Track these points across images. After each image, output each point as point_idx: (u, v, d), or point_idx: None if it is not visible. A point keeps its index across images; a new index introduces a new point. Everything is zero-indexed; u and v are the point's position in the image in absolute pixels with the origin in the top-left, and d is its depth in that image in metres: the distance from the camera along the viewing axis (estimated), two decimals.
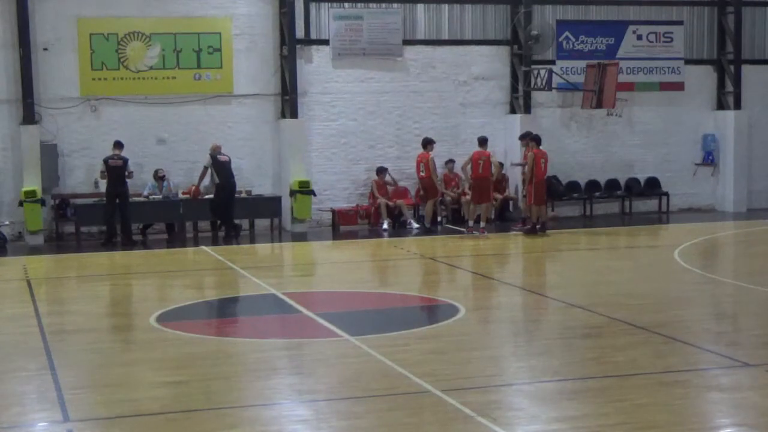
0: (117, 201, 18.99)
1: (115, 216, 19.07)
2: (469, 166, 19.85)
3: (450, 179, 21.57)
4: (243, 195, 20.59)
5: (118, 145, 19.34)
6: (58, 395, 8.80)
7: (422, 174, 20.41)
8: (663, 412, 8.06)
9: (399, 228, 20.99)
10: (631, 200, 23.39)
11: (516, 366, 9.86)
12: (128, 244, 19.05)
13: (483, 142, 20.09)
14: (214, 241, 19.70)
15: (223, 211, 19.90)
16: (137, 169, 19.87)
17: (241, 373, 9.61)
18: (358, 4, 21.54)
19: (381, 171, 21.31)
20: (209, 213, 20.13)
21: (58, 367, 9.80)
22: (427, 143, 20.54)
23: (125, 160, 19.15)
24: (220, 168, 19.70)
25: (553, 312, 12.73)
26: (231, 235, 19.87)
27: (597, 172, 23.21)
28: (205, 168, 19.73)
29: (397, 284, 15.24)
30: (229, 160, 19.89)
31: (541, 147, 19.83)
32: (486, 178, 19.78)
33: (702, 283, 14.68)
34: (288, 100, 20.88)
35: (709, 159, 23.72)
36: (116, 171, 19.02)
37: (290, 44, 20.77)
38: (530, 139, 19.97)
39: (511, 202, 22.10)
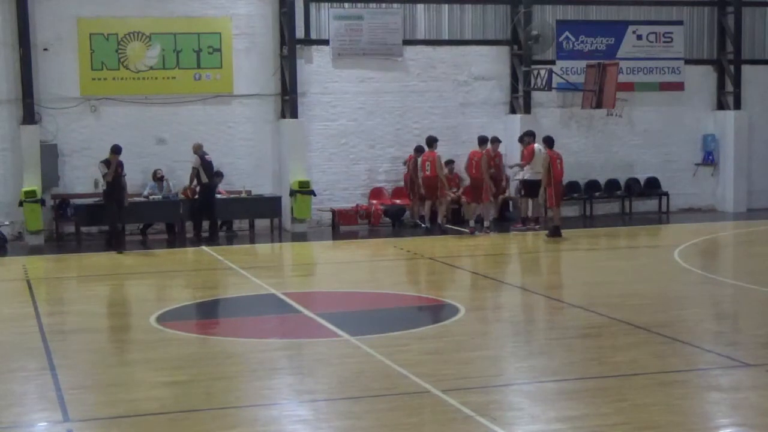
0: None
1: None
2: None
3: (450, 179, 21.55)
4: (243, 195, 20.60)
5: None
6: (58, 395, 8.81)
7: (427, 173, 20.29)
8: (663, 412, 8.06)
9: (400, 227, 21.05)
10: (631, 200, 23.38)
11: (516, 366, 9.86)
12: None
13: (481, 141, 20.10)
14: (199, 242, 19.41)
15: (208, 211, 19.70)
16: (137, 169, 19.87)
17: (241, 373, 9.61)
18: (358, 4, 21.54)
19: (494, 141, 20.52)
20: (193, 214, 19.70)
21: (58, 367, 9.80)
22: (433, 141, 20.46)
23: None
24: (207, 167, 19.57)
25: (553, 312, 12.75)
26: (215, 234, 19.70)
27: (597, 172, 23.22)
28: (195, 168, 19.51)
29: (397, 284, 15.23)
30: (211, 159, 19.84)
31: (554, 148, 19.74)
32: (478, 177, 19.84)
33: (702, 283, 14.69)
34: (288, 100, 20.88)
35: (709, 159, 23.72)
36: None
37: (290, 44, 20.77)
38: (543, 140, 19.87)
39: (511, 202, 22.10)
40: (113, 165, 18.30)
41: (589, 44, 22.88)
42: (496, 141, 20.64)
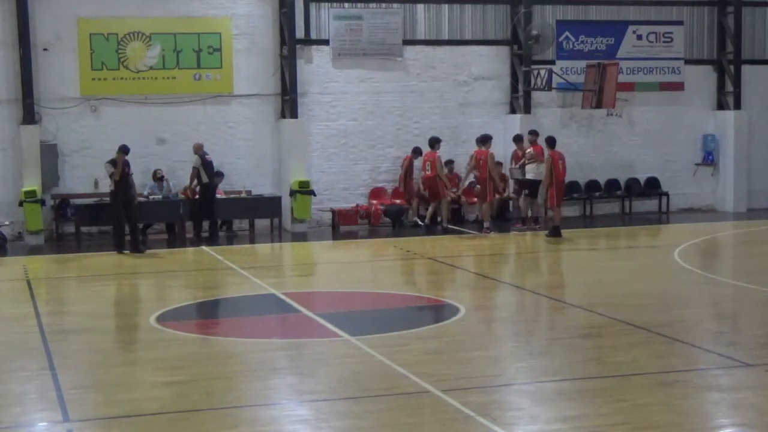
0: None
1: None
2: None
3: (450, 179, 21.54)
4: (243, 195, 20.59)
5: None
6: (58, 395, 8.81)
7: (428, 173, 20.30)
8: (663, 412, 8.06)
9: (400, 227, 21.04)
10: (631, 200, 23.38)
11: (516, 366, 9.86)
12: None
13: (484, 140, 20.07)
14: (199, 242, 19.36)
15: (208, 211, 19.68)
16: (137, 169, 19.85)
17: (241, 373, 9.61)
18: (358, 4, 21.54)
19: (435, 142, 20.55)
20: (193, 214, 19.67)
21: (58, 367, 9.80)
22: (435, 142, 20.50)
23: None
24: (207, 167, 19.58)
25: (553, 312, 12.75)
26: (215, 234, 19.67)
27: (597, 172, 23.21)
28: (195, 168, 19.52)
29: (397, 284, 15.25)
30: (212, 159, 19.82)
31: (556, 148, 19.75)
32: (480, 178, 19.87)
33: (702, 283, 14.69)
34: (288, 100, 20.88)
35: (709, 159, 23.72)
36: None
37: (290, 44, 20.77)
38: (545, 141, 19.87)
39: (511, 202, 22.10)
40: (120, 164, 18.25)
41: (589, 44, 22.87)
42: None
